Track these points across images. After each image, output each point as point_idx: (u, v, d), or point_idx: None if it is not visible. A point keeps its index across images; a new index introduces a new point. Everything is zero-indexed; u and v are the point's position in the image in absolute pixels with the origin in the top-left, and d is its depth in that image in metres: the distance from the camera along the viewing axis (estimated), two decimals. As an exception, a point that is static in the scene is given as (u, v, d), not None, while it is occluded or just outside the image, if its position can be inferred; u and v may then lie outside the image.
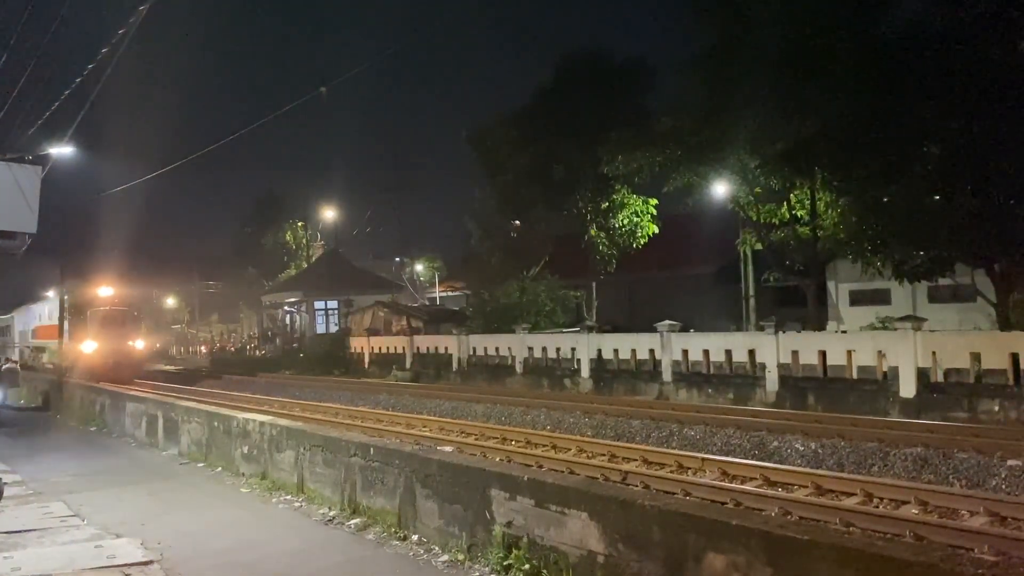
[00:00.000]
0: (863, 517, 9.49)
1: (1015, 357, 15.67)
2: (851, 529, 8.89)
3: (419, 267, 61.88)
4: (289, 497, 10.84)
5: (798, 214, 27.08)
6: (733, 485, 11.45)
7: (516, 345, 28.17)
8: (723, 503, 10.13)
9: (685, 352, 22.04)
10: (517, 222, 40.79)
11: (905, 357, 17.17)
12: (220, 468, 13.35)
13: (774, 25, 23.57)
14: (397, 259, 64.89)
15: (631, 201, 34.36)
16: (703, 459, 12.87)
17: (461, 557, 7.61)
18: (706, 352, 21.54)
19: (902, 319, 18.30)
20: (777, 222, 28.08)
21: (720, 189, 28.12)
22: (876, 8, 22.47)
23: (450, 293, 55.95)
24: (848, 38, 21.65)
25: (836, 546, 4.92)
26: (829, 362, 18.78)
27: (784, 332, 20.22)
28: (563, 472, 12.06)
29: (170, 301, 77.29)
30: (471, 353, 30.61)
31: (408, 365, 33.76)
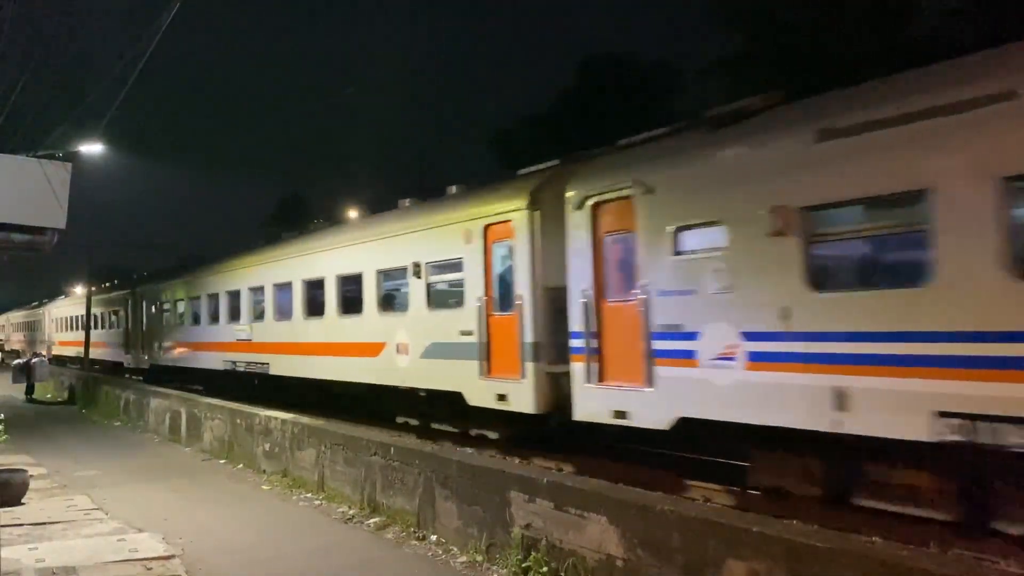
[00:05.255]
0: (886, 526, 9.35)
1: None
2: (874, 538, 8.78)
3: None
4: (309, 495, 10.90)
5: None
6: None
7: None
8: (744, 509, 10.03)
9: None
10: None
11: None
12: (242, 465, 13.45)
13: (802, 30, 23.44)
14: None
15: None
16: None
17: (479, 558, 7.61)
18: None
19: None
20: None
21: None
22: (902, 15, 22.31)
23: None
24: (875, 44, 21.48)
25: (859, 555, 4.86)
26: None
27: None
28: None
29: None
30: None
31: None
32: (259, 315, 19.59)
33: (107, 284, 39.24)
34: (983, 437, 6.44)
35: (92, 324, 36.59)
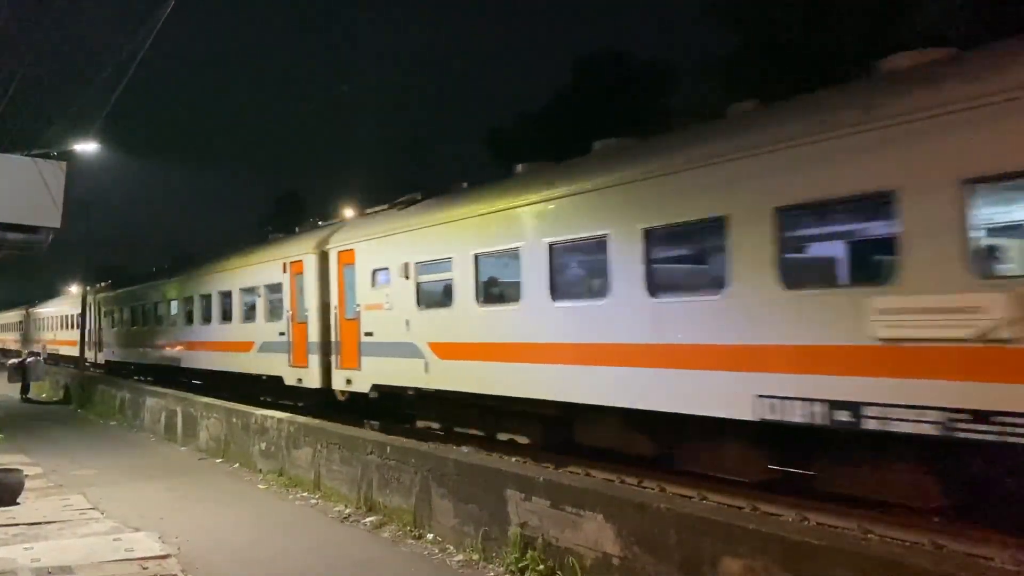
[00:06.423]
0: (882, 523, 9.38)
1: None
2: (869, 536, 8.81)
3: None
4: (306, 494, 10.89)
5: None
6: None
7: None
8: (740, 507, 10.05)
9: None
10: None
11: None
12: (238, 464, 13.44)
13: (801, 29, 23.50)
14: None
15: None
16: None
17: (476, 557, 7.61)
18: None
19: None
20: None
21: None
22: (899, 13, 22.37)
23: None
24: (872, 43, 21.52)
25: (855, 553, 4.87)
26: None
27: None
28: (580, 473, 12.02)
29: None
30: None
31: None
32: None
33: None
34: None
35: (218, 312, 22.95)
